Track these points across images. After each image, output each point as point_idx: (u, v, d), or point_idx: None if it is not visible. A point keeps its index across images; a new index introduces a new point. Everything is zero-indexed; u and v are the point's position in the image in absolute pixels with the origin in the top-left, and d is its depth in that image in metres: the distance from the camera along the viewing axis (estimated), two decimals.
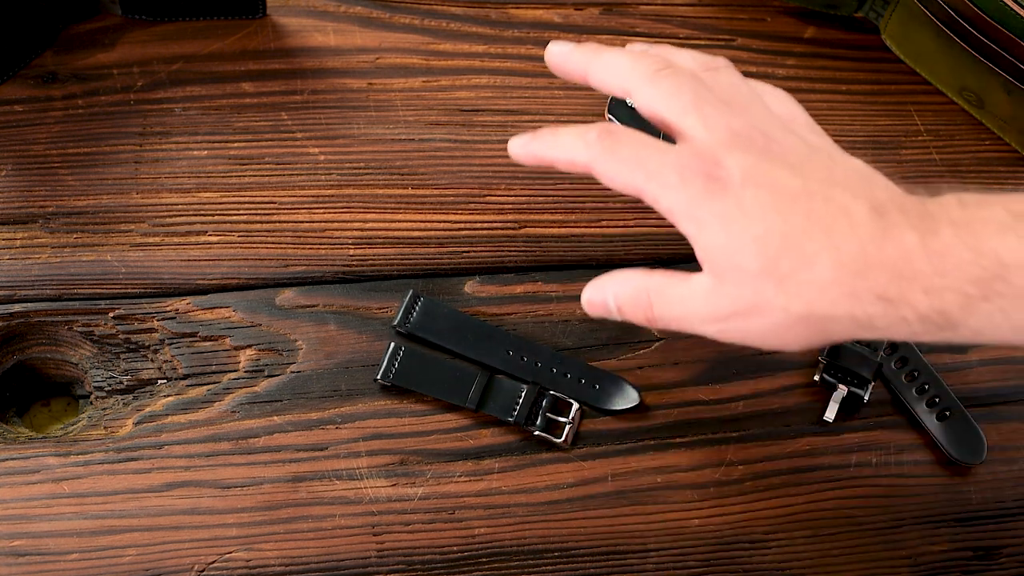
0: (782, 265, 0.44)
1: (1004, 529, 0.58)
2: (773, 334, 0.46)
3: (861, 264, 0.43)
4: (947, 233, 0.42)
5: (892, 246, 0.43)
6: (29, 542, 0.52)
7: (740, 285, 0.45)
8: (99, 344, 0.57)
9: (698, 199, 0.46)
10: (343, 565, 0.54)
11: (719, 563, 0.56)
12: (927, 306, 0.42)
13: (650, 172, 0.47)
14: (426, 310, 0.58)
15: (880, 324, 0.44)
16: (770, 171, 0.46)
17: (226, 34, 0.65)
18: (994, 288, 0.41)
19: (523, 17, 0.68)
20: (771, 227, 0.44)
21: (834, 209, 0.44)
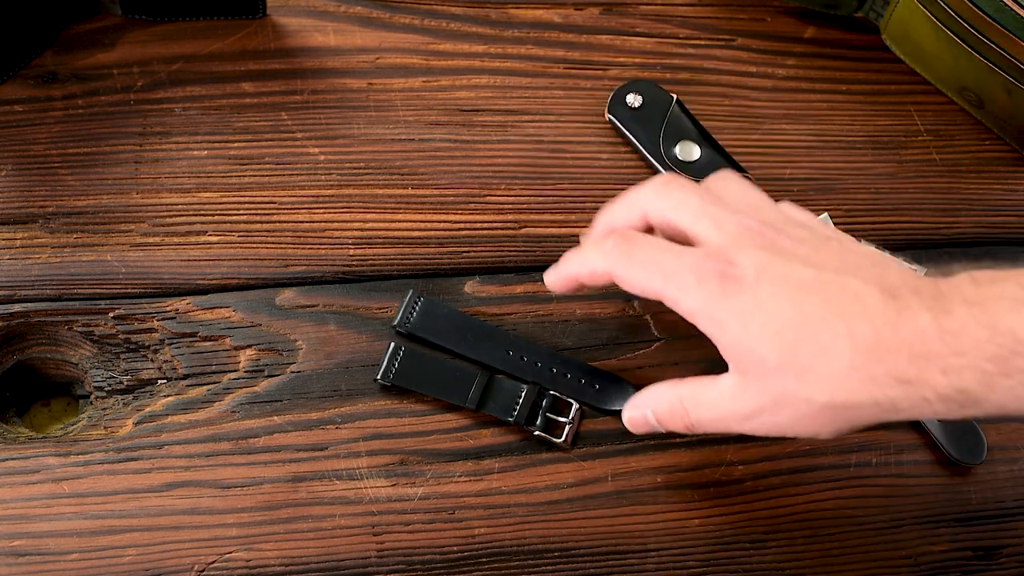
0: (801, 356, 0.45)
1: (1004, 529, 0.58)
2: (802, 425, 0.47)
3: (877, 349, 0.44)
4: (961, 312, 0.43)
5: (907, 328, 0.44)
6: (29, 542, 0.52)
7: (763, 379, 0.47)
8: (99, 344, 0.57)
9: (715, 299, 0.47)
10: (343, 565, 0.54)
11: (719, 563, 0.56)
12: (947, 385, 0.43)
13: (667, 275, 0.48)
14: (426, 310, 0.58)
15: (903, 406, 0.44)
16: (783, 265, 0.47)
17: (226, 34, 0.65)
18: (1013, 364, 0.42)
19: (523, 17, 0.68)
20: (787, 319, 0.45)
21: (848, 296, 0.45)
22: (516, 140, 0.64)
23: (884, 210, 0.65)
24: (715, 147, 0.64)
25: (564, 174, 0.63)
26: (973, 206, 0.66)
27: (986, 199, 0.66)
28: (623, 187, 0.63)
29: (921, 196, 0.66)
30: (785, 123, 0.67)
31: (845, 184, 0.65)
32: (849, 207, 0.65)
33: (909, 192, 0.66)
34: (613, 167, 0.64)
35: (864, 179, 0.66)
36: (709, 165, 0.63)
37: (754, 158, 0.65)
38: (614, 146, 0.65)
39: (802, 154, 0.66)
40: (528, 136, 0.64)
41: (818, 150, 0.66)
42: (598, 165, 0.64)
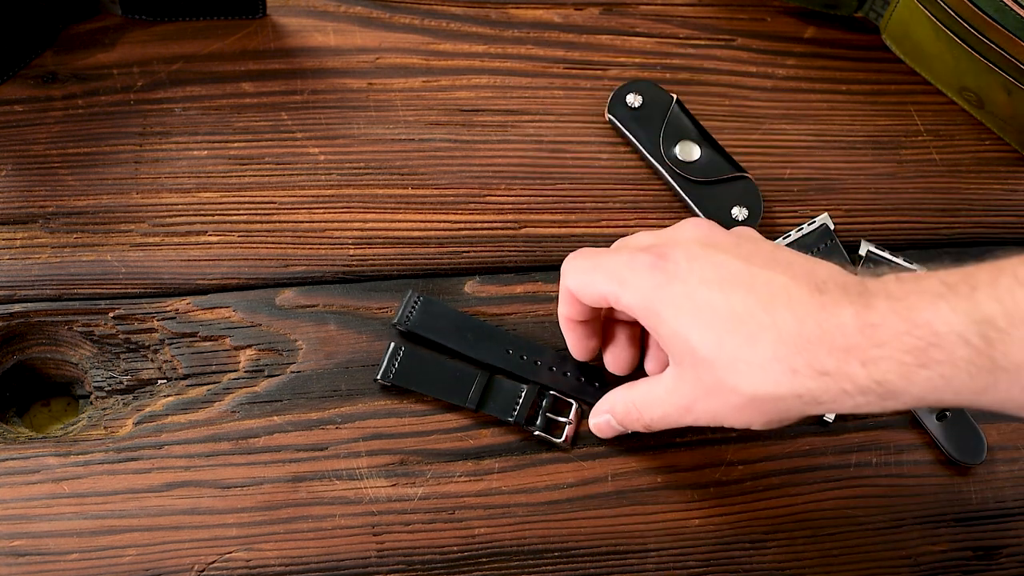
0: (727, 347, 0.47)
1: (1004, 529, 0.58)
2: (734, 415, 0.48)
3: (799, 340, 0.45)
4: (883, 306, 0.44)
5: (829, 321, 0.45)
6: (29, 542, 0.52)
7: (696, 369, 0.48)
8: (99, 344, 0.57)
9: (650, 289, 0.49)
10: (343, 565, 0.54)
11: (719, 563, 0.56)
12: (866, 377, 0.44)
13: (607, 273, 0.51)
14: (426, 309, 0.58)
15: (824, 399, 0.45)
16: (714, 255, 0.49)
17: (226, 34, 0.65)
18: (930, 356, 0.43)
19: (523, 17, 0.68)
20: (716, 310, 0.47)
21: (775, 289, 0.47)
22: (516, 140, 0.64)
23: (884, 210, 0.65)
24: (715, 147, 0.64)
25: (564, 174, 0.63)
26: (973, 206, 0.66)
27: (986, 199, 0.66)
28: (623, 187, 0.63)
29: (921, 196, 0.66)
30: (785, 123, 0.67)
31: (845, 184, 0.65)
32: (849, 207, 0.65)
33: (909, 192, 0.66)
34: (613, 167, 0.64)
35: (864, 179, 0.66)
36: (709, 165, 0.63)
37: (754, 158, 0.65)
38: (614, 146, 0.65)
39: (802, 154, 0.66)
40: (528, 136, 0.64)
41: (818, 150, 0.66)
42: (598, 165, 0.64)
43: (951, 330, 0.42)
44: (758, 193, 0.63)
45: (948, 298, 0.43)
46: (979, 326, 0.42)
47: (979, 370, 0.42)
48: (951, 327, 0.42)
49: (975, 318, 0.42)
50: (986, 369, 0.42)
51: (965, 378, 0.43)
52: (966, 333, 0.42)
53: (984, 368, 0.42)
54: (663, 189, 0.64)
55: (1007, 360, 0.42)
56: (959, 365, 0.42)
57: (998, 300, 0.42)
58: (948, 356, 0.43)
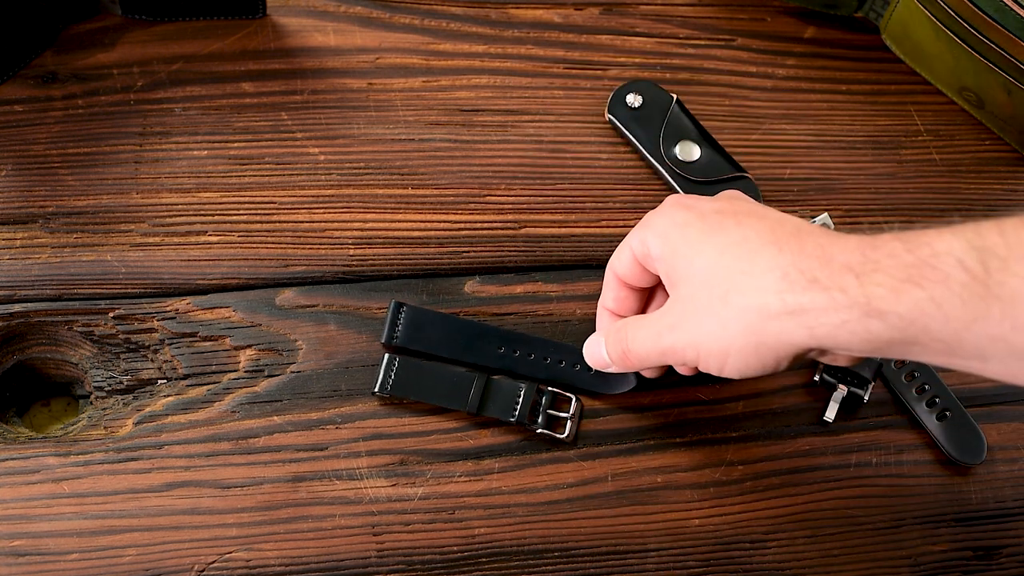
0: (728, 257, 0.48)
1: (1004, 529, 0.58)
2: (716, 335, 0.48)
3: (797, 254, 0.47)
4: (887, 236, 0.45)
5: (833, 244, 0.46)
6: (29, 542, 0.52)
7: (694, 283, 0.49)
8: (99, 344, 0.57)
9: (666, 214, 0.52)
10: (343, 565, 0.54)
11: (719, 563, 0.56)
12: (856, 288, 0.44)
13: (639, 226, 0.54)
14: (411, 319, 0.58)
15: (809, 308, 0.45)
16: (735, 204, 0.51)
17: (226, 34, 0.65)
18: (925, 275, 0.43)
19: (523, 17, 0.68)
20: (725, 229, 0.49)
21: (786, 223, 0.49)
22: (516, 140, 0.64)
23: (884, 210, 0.65)
24: (715, 147, 0.64)
25: (564, 174, 0.63)
26: (973, 206, 0.66)
27: (986, 199, 0.66)
28: (623, 187, 0.63)
29: (921, 196, 0.66)
30: (785, 123, 0.67)
31: (845, 184, 0.65)
32: (849, 207, 0.65)
33: (909, 192, 0.66)
34: (613, 167, 0.64)
35: (864, 179, 0.66)
36: (709, 165, 0.63)
37: (754, 158, 0.65)
38: (614, 146, 0.65)
39: (802, 154, 0.66)
40: (528, 136, 0.64)
41: (818, 150, 0.66)
42: (598, 165, 0.64)
43: (950, 252, 0.42)
44: (758, 193, 0.63)
45: (952, 229, 0.43)
46: (979, 252, 0.42)
47: (972, 296, 0.42)
48: (950, 249, 0.43)
49: (976, 244, 0.42)
50: (979, 296, 0.42)
51: (957, 303, 0.42)
52: (965, 257, 0.42)
53: (978, 295, 0.42)
54: (663, 189, 0.64)
55: (1003, 289, 0.41)
56: (953, 288, 0.42)
57: (1001, 233, 0.42)
58: (943, 277, 0.42)
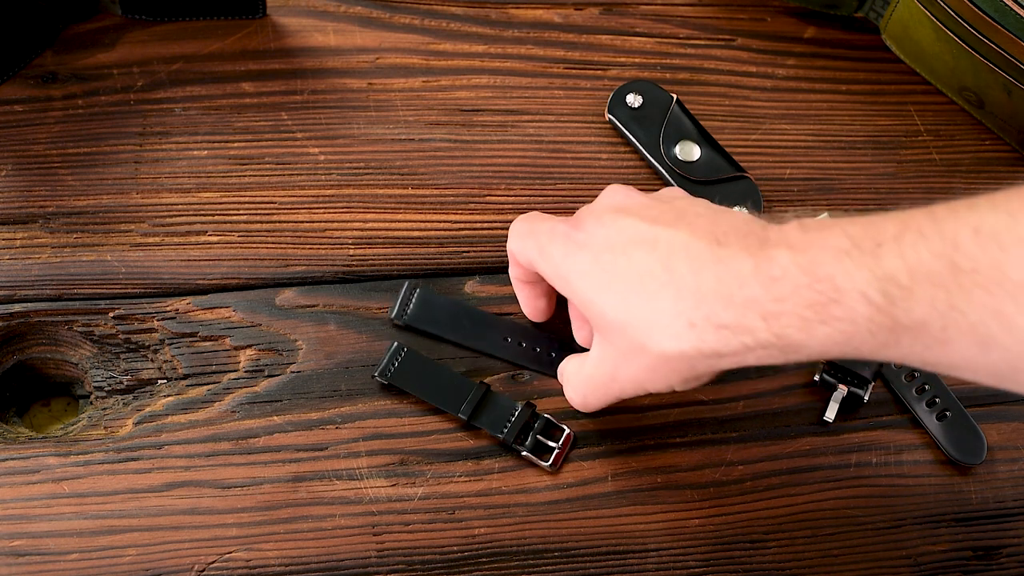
0: (632, 306, 0.47)
1: (1004, 529, 0.58)
2: (651, 376, 0.49)
3: (697, 294, 0.45)
4: (784, 259, 0.43)
5: (728, 274, 0.44)
6: (29, 542, 0.52)
7: (611, 335, 0.49)
8: (99, 344, 0.57)
9: (561, 260, 0.50)
10: (343, 565, 0.54)
11: (719, 563, 0.56)
12: (766, 331, 0.44)
13: (535, 242, 0.52)
14: (423, 301, 0.58)
15: (725, 352, 0.45)
16: (621, 220, 0.49)
17: (226, 34, 0.65)
18: (830, 312, 0.42)
19: (523, 17, 0.68)
20: (620, 273, 0.47)
21: (675, 245, 0.47)
22: (516, 140, 0.64)
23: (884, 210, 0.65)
24: (715, 147, 0.64)
25: (564, 174, 0.63)
26: None
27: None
28: None
29: (921, 196, 0.66)
30: (785, 123, 0.67)
31: (845, 184, 0.65)
32: (849, 207, 0.65)
33: (909, 192, 0.66)
34: (613, 167, 0.64)
35: (864, 179, 0.66)
36: (709, 165, 0.63)
37: (754, 158, 0.65)
38: (614, 146, 0.65)
39: (802, 154, 0.66)
40: (528, 136, 0.64)
41: (818, 150, 0.66)
42: (598, 165, 0.64)
43: (853, 287, 0.41)
44: (758, 193, 0.63)
45: (852, 253, 0.42)
46: (881, 283, 0.41)
47: (880, 328, 0.41)
48: (854, 284, 0.41)
49: (877, 275, 0.41)
50: (887, 327, 0.41)
51: (866, 335, 0.42)
52: (868, 290, 0.41)
53: (885, 326, 0.41)
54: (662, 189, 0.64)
55: (909, 318, 0.41)
56: (860, 323, 0.42)
57: (901, 256, 0.41)
58: (849, 313, 0.42)
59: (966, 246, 0.39)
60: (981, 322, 0.39)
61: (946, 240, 0.40)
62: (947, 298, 0.40)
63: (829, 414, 0.59)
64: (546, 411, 0.57)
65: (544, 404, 0.58)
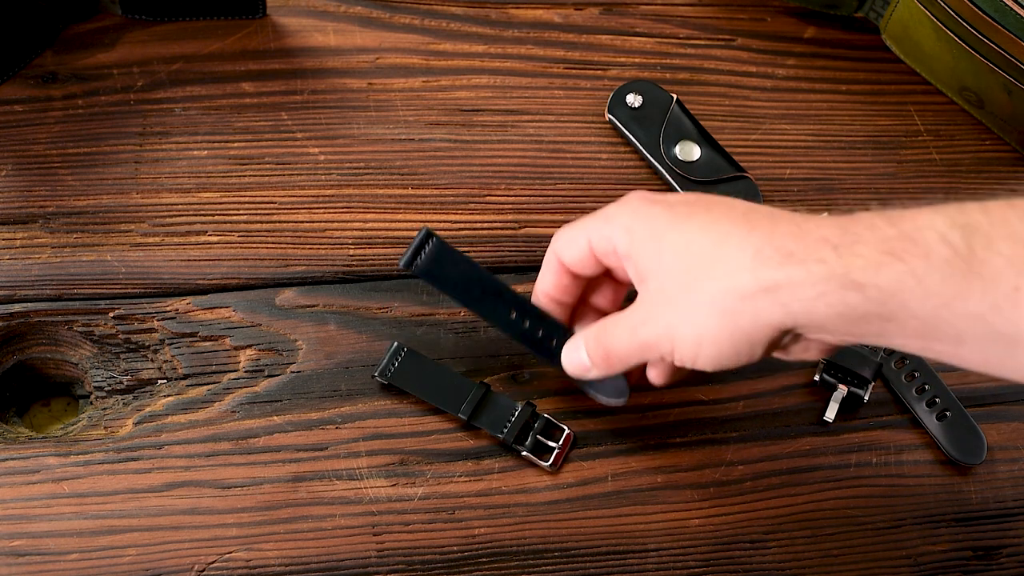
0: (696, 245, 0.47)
1: (1004, 529, 0.58)
2: (691, 321, 0.47)
3: (771, 235, 0.45)
4: (863, 216, 0.44)
5: (806, 222, 0.45)
6: (29, 542, 0.52)
7: (662, 277, 0.48)
8: (99, 344, 0.57)
9: (633, 215, 0.49)
10: (343, 565, 0.54)
11: (719, 563, 0.56)
12: (835, 260, 0.43)
13: (595, 218, 0.51)
14: (436, 252, 0.54)
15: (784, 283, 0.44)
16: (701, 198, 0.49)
17: (226, 34, 0.65)
18: (907, 249, 0.42)
19: (523, 17, 0.68)
20: (695, 218, 0.47)
21: (761, 211, 0.47)
22: (516, 140, 0.64)
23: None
24: (715, 147, 0.64)
25: (564, 174, 0.63)
26: None
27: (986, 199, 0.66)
28: (623, 187, 0.63)
29: (921, 196, 0.66)
30: (785, 123, 0.67)
31: (845, 184, 0.65)
32: (849, 207, 0.65)
33: (909, 192, 0.66)
34: (613, 167, 0.64)
35: (864, 179, 0.66)
36: (709, 165, 0.63)
37: (754, 158, 0.65)
38: (614, 146, 0.65)
39: (802, 154, 0.66)
40: (528, 136, 0.64)
41: (818, 150, 0.66)
42: (598, 165, 0.64)
43: (932, 227, 0.42)
44: (758, 193, 0.63)
45: (935, 206, 0.42)
46: (962, 229, 0.41)
47: (954, 272, 0.41)
48: (933, 224, 0.42)
49: (959, 222, 0.41)
50: (961, 272, 0.41)
51: (938, 279, 0.41)
52: (948, 233, 0.41)
53: (959, 271, 0.41)
54: (663, 189, 0.64)
55: (984, 267, 0.40)
56: (934, 263, 0.41)
57: (985, 212, 0.41)
58: (925, 252, 0.41)
59: None
60: None
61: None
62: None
63: (829, 414, 0.59)
64: (546, 411, 0.57)
65: (544, 404, 0.58)
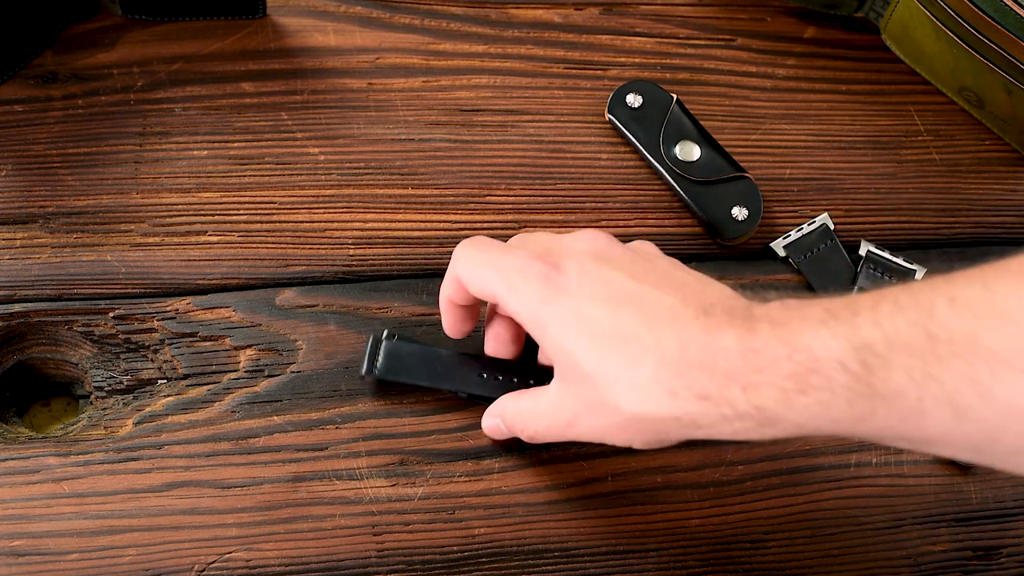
0: (610, 364, 0.46)
1: (1004, 529, 0.58)
2: (615, 433, 0.48)
3: (681, 363, 0.45)
4: (765, 330, 0.44)
5: (713, 345, 0.44)
6: (29, 542, 0.52)
7: (579, 384, 0.48)
8: (99, 344, 0.57)
9: (538, 301, 0.48)
10: (343, 565, 0.54)
11: (719, 563, 0.56)
12: (745, 402, 0.44)
13: (501, 273, 0.49)
14: (390, 353, 0.56)
15: (703, 423, 0.45)
16: (606, 271, 0.48)
17: (226, 34, 0.65)
18: (809, 381, 0.42)
19: (523, 17, 0.68)
20: (602, 327, 0.46)
21: (662, 309, 0.46)
22: (516, 140, 0.64)
23: (884, 210, 0.65)
24: (715, 147, 0.64)
25: (564, 174, 0.64)
26: (973, 206, 0.66)
27: (986, 199, 0.66)
28: (623, 187, 0.63)
29: (921, 196, 0.66)
30: (785, 123, 0.67)
31: (845, 184, 0.65)
32: (849, 207, 0.65)
33: (909, 192, 0.66)
34: (613, 167, 0.64)
35: (864, 179, 0.66)
36: (709, 165, 0.63)
37: (754, 158, 0.65)
38: (614, 146, 0.65)
39: (802, 154, 0.66)
40: (528, 136, 0.64)
41: (818, 150, 0.66)
42: (598, 165, 0.64)
43: (830, 355, 0.42)
44: (758, 193, 0.63)
45: (829, 324, 0.42)
46: (858, 352, 0.41)
47: (857, 397, 0.42)
48: (830, 352, 0.42)
49: (855, 344, 0.42)
50: (864, 396, 0.42)
51: (843, 405, 0.42)
52: (844, 358, 0.42)
53: (862, 395, 0.42)
54: (663, 189, 0.64)
55: (885, 387, 0.41)
56: (837, 391, 0.42)
57: (878, 325, 0.41)
58: (827, 382, 0.42)
59: (942, 315, 0.40)
60: (957, 391, 0.40)
61: (922, 310, 0.41)
62: (923, 367, 0.40)
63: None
64: None
65: None
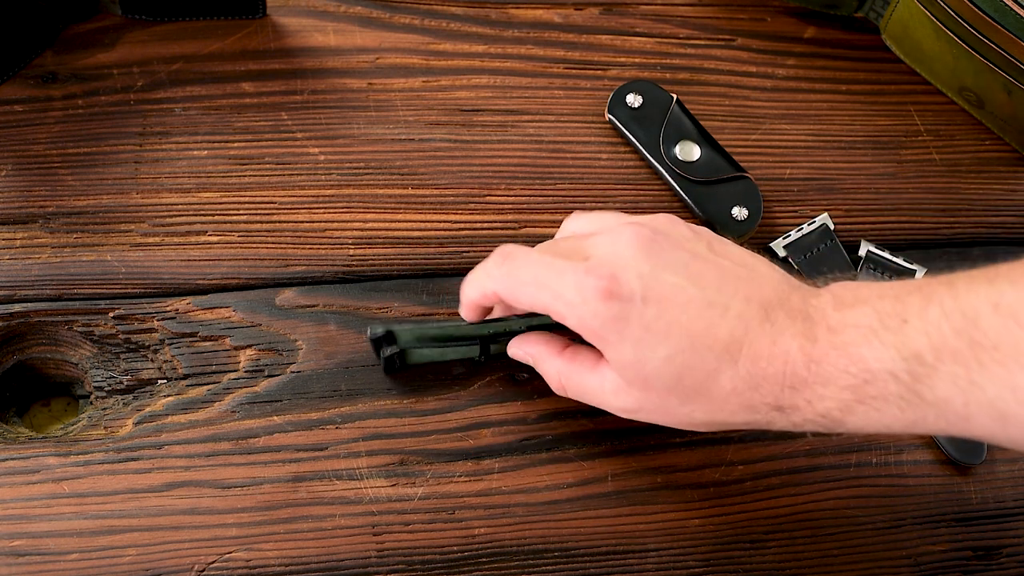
0: (686, 382, 0.48)
1: (1004, 529, 0.58)
2: (681, 425, 0.51)
3: (756, 379, 0.47)
4: (823, 340, 0.46)
5: (778, 357, 0.47)
6: (29, 542, 0.52)
7: (647, 391, 0.49)
8: (99, 344, 0.57)
9: (601, 319, 0.48)
10: (343, 565, 0.54)
11: (719, 563, 0.56)
12: (813, 412, 0.47)
13: (553, 293, 0.49)
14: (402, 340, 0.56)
15: (778, 425, 0.48)
16: (666, 280, 0.48)
17: (226, 34, 0.65)
18: (866, 392, 0.45)
19: (523, 17, 0.68)
20: (676, 346, 0.47)
21: (731, 318, 0.47)
22: (516, 140, 0.64)
23: (884, 210, 0.65)
24: (715, 147, 0.64)
25: (564, 174, 0.64)
26: (973, 206, 0.66)
27: (986, 199, 0.66)
28: (623, 187, 0.63)
29: (921, 196, 0.66)
30: (785, 123, 0.67)
31: (845, 184, 0.65)
32: (849, 207, 0.65)
33: (909, 192, 0.66)
34: (613, 167, 0.64)
35: (864, 179, 0.66)
36: (709, 165, 0.63)
37: (754, 158, 0.65)
38: (614, 146, 0.65)
39: (802, 154, 0.66)
40: (528, 136, 0.64)
41: (818, 150, 0.66)
42: (598, 165, 0.64)
43: (883, 367, 0.44)
44: (758, 193, 0.63)
45: (880, 333, 0.45)
46: (907, 362, 0.44)
47: (908, 404, 0.44)
48: (883, 364, 0.44)
49: (904, 354, 0.44)
50: (914, 404, 0.44)
51: (896, 412, 0.45)
52: (895, 369, 0.44)
53: (912, 403, 0.44)
54: (663, 189, 0.64)
55: (932, 395, 0.43)
56: (890, 400, 0.45)
57: (926, 334, 0.43)
58: (881, 391, 0.45)
59: (986, 323, 0.42)
60: (999, 397, 0.42)
61: (967, 317, 0.43)
62: (967, 374, 0.42)
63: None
64: (544, 410, 0.57)
65: (542, 404, 0.58)
